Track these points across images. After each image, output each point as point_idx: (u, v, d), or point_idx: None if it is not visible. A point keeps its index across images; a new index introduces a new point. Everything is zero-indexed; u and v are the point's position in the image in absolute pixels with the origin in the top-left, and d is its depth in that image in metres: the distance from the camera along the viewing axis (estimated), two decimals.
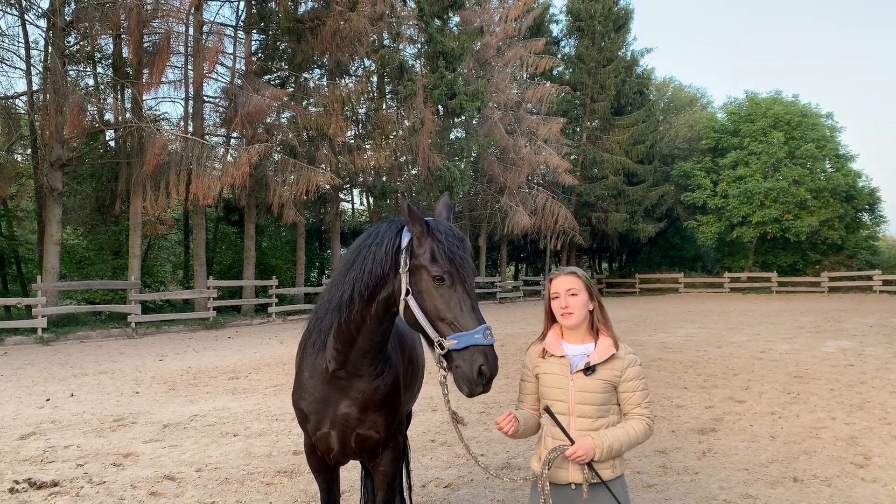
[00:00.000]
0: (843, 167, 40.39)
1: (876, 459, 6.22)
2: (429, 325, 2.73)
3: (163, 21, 20.34)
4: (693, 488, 5.50)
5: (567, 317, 2.91)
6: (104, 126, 22.04)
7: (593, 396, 2.86)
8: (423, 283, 2.77)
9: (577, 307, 2.90)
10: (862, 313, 23.73)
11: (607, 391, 2.88)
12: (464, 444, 3.06)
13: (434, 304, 2.74)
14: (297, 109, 23.55)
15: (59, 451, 6.79)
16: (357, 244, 3.06)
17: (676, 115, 52.60)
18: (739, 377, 10.92)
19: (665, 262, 47.04)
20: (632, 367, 2.90)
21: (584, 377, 2.86)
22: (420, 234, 2.81)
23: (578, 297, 2.91)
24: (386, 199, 29.60)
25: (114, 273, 22.84)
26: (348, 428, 3.16)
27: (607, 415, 2.90)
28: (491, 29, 32.80)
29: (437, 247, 2.77)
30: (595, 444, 2.77)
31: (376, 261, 2.88)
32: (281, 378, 11.32)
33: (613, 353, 2.88)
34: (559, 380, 2.90)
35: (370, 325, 2.99)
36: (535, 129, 34.51)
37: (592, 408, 2.86)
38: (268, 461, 6.37)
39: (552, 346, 2.97)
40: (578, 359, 2.91)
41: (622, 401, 2.93)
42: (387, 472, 3.38)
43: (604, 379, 2.86)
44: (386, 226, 3.00)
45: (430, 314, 2.74)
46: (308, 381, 3.18)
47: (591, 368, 2.86)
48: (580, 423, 2.86)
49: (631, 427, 2.86)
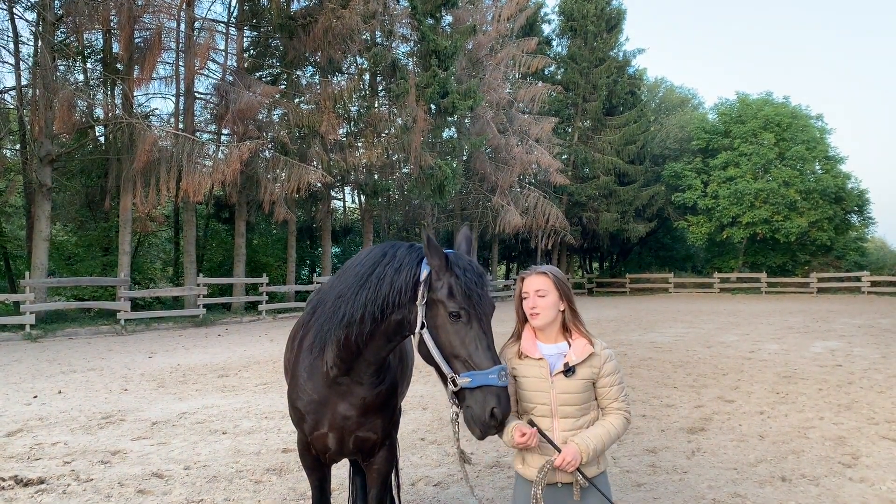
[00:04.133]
0: (833, 169, 40.62)
1: (864, 459, 6.26)
2: (442, 360, 2.69)
3: (154, 16, 20.22)
4: (682, 487, 5.51)
5: (535, 317, 2.90)
6: (94, 122, 21.88)
7: (575, 397, 2.86)
8: (440, 318, 2.72)
9: (544, 308, 2.88)
10: (850, 314, 23.88)
11: (587, 389, 2.89)
12: (469, 486, 3.04)
13: (449, 340, 2.69)
14: (288, 107, 23.47)
15: (47, 448, 6.74)
16: (371, 259, 2.97)
17: (668, 115, 52.75)
18: (729, 377, 10.96)
19: (655, 262, 47.20)
20: (608, 363, 2.91)
21: (565, 378, 2.85)
22: (439, 268, 2.76)
23: (547, 298, 2.89)
24: (378, 198, 29.54)
25: (103, 270, 22.71)
26: (347, 430, 3.15)
27: (588, 412, 2.91)
28: (483, 28, 32.80)
29: (454, 282, 2.72)
30: (580, 448, 2.76)
31: (394, 288, 2.82)
32: (271, 376, 11.27)
33: (592, 352, 2.89)
34: (539, 383, 2.88)
35: (379, 341, 2.98)
36: (526, 129, 34.54)
37: (574, 408, 2.86)
38: (257, 459, 6.34)
39: (528, 349, 2.93)
40: (555, 359, 2.90)
41: (600, 396, 2.93)
42: (381, 469, 3.37)
43: (584, 378, 2.87)
44: (406, 250, 2.92)
45: (445, 350, 2.69)
46: (306, 382, 3.15)
47: (571, 369, 2.85)
48: (563, 424, 2.86)
49: (610, 424, 2.87)
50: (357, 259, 3.08)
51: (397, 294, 2.80)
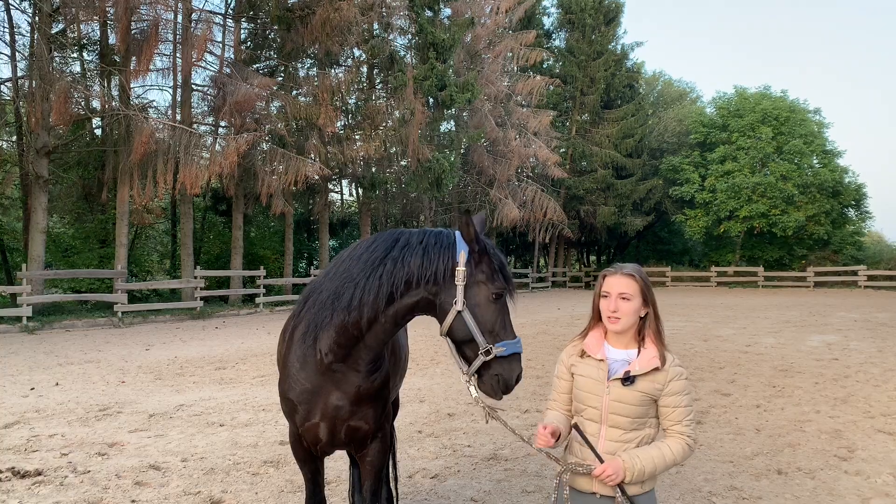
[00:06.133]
0: (830, 163, 40.65)
1: (859, 452, 6.28)
2: (479, 334, 2.89)
3: (151, 8, 20.14)
4: (678, 480, 5.53)
5: (614, 321, 2.72)
6: (91, 113, 21.80)
7: (628, 408, 2.68)
8: (480, 297, 2.92)
9: (626, 313, 2.70)
10: (847, 308, 23.94)
11: (645, 404, 2.70)
12: (510, 428, 3.09)
13: (486, 318, 2.91)
14: (286, 99, 23.40)
15: (44, 440, 6.74)
16: (383, 244, 3.03)
17: (666, 109, 52.69)
18: (725, 370, 11.00)
19: (653, 255, 47.27)
20: (676, 381, 2.69)
21: (622, 386, 2.68)
22: (480, 252, 2.96)
23: (630, 303, 2.70)
24: (375, 191, 29.52)
25: (100, 262, 22.65)
26: (339, 419, 3.15)
27: (642, 427, 2.73)
28: (482, 21, 32.68)
29: (496, 265, 2.97)
30: (626, 466, 2.61)
31: (427, 268, 2.94)
32: (268, 368, 11.29)
33: (657, 367, 2.67)
34: (594, 385, 2.73)
35: (386, 324, 3.02)
36: (525, 122, 34.50)
37: (626, 419, 2.69)
38: (254, 451, 6.35)
39: (591, 348, 2.79)
40: (618, 365, 2.72)
41: (662, 415, 2.74)
42: (374, 462, 3.37)
43: (642, 391, 2.67)
44: (430, 235, 3.03)
45: (483, 325, 2.91)
46: (299, 372, 3.14)
47: (630, 379, 2.67)
48: (611, 434, 2.71)
49: (668, 448, 2.68)
50: (358, 248, 3.11)
51: (434, 274, 2.94)
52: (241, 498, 5.14)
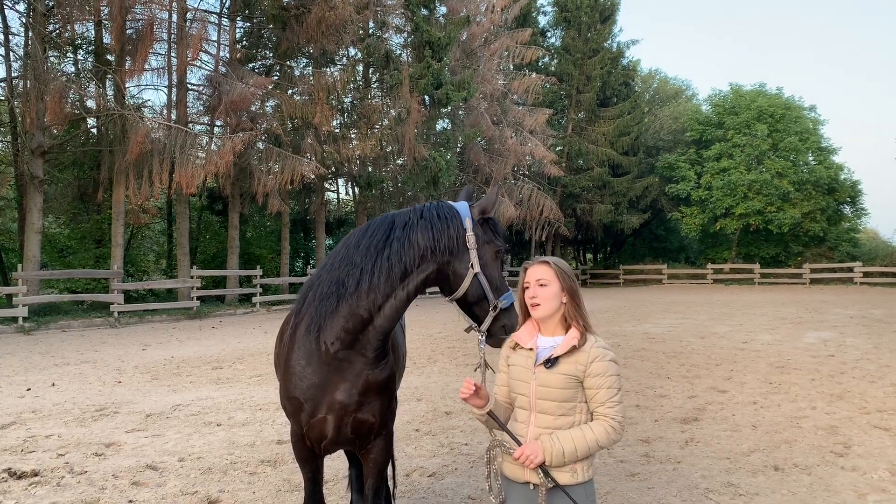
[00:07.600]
0: (826, 160, 40.69)
1: (855, 448, 6.30)
2: (490, 292, 3.15)
3: (146, 7, 20.10)
4: (676, 477, 5.54)
5: (535, 308, 2.80)
6: (86, 113, 21.76)
7: (554, 392, 2.71)
8: (488, 257, 3.20)
9: (545, 298, 2.78)
10: (842, 305, 24.00)
11: (571, 387, 2.71)
12: (500, 424, 2.97)
13: (493, 276, 3.20)
14: (282, 98, 23.37)
15: (40, 440, 6.72)
16: (381, 228, 3.12)
17: (661, 106, 52.70)
18: (722, 367, 11.01)
19: (649, 253, 47.27)
20: (597, 362, 2.69)
21: (546, 371, 2.72)
22: (484, 216, 3.27)
23: (548, 288, 2.79)
24: (371, 190, 29.51)
25: (96, 262, 22.61)
26: (346, 412, 3.13)
27: (572, 413, 2.73)
28: (477, 19, 32.68)
29: (498, 226, 3.31)
30: (545, 447, 2.65)
31: (440, 240, 3.11)
32: (265, 368, 11.28)
33: (574, 346, 2.71)
34: (523, 372, 2.80)
35: (397, 302, 3.09)
36: (521, 120, 34.49)
37: (553, 404, 2.72)
38: (251, 451, 6.35)
39: (522, 338, 2.86)
40: (546, 352, 2.77)
41: (588, 398, 2.74)
42: (377, 459, 3.36)
43: (565, 373, 2.70)
44: (431, 209, 3.20)
45: (492, 283, 3.18)
46: (305, 368, 3.11)
47: (552, 361, 2.71)
48: (541, 420, 2.74)
49: (590, 430, 2.68)
50: (352, 237, 3.18)
51: (445, 245, 3.12)
52: (239, 497, 5.13)
